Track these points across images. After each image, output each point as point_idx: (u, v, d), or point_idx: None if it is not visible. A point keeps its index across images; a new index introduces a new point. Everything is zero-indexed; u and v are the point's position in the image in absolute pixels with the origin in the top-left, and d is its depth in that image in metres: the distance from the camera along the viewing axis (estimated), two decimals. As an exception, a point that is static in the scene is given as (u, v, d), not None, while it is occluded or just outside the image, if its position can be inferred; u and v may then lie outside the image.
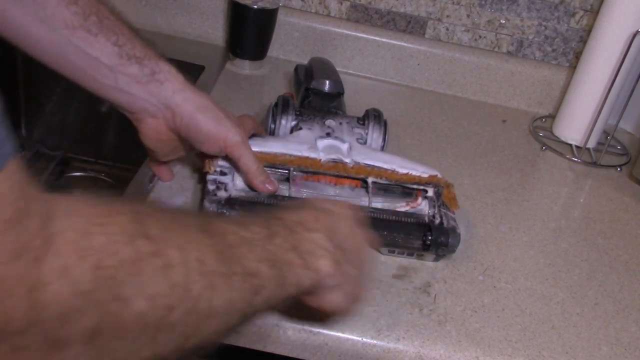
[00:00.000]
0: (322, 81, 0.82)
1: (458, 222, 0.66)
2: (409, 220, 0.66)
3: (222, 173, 0.64)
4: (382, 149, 0.73)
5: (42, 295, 0.30)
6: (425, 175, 0.68)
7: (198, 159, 0.69)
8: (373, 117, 0.73)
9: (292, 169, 0.66)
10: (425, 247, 0.64)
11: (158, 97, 0.59)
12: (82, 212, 0.33)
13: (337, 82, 0.83)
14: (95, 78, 0.57)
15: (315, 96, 0.81)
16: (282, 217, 0.47)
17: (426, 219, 0.67)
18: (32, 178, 0.31)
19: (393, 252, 0.65)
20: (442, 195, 0.67)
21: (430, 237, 0.63)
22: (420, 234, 0.64)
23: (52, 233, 0.31)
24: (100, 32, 0.56)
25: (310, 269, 0.45)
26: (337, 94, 0.82)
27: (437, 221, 0.65)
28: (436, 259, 0.66)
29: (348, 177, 0.67)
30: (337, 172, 0.67)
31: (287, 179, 0.66)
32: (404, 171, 0.68)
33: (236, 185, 0.64)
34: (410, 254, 0.66)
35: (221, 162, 0.64)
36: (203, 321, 0.38)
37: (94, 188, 1.10)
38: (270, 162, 0.65)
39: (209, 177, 0.64)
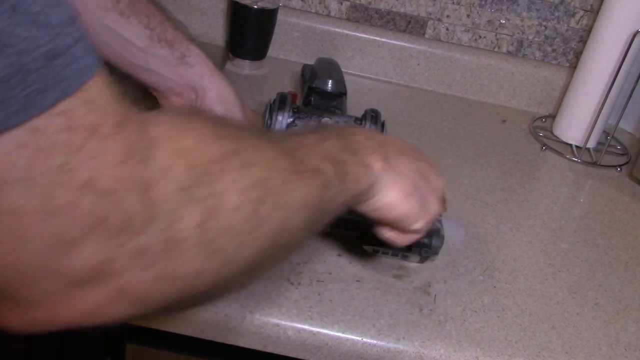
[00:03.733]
0: (325, 80, 0.82)
1: (458, 222, 0.66)
2: None
3: None
4: None
5: (153, 193, 0.31)
6: None
7: None
8: (370, 117, 0.73)
9: None
10: (408, 248, 0.64)
11: (186, 79, 0.62)
12: (169, 118, 0.36)
13: (339, 82, 0.83)
14: (126, 58, 0.60)
15: (317, 95, 0.81)
16: (324, 127, 0.50)
17: None
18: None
19: (377, 251, 0.65)
20: None
21: None
22: None
23: (151, 137, 0.32)
24: (133, 15, 0.58)
25: (363, 165, 0.48)
26: (339, 93, 0.82)
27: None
28: (421, 261, 0.65)
29: None
30: None
31: None
32: None
33: None
34: (395, 254, 0.65)
35: None
36: (290, 215, 0.40)
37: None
38: None
39: None
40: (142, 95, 0.64)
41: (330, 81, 0.82)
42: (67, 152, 0.28)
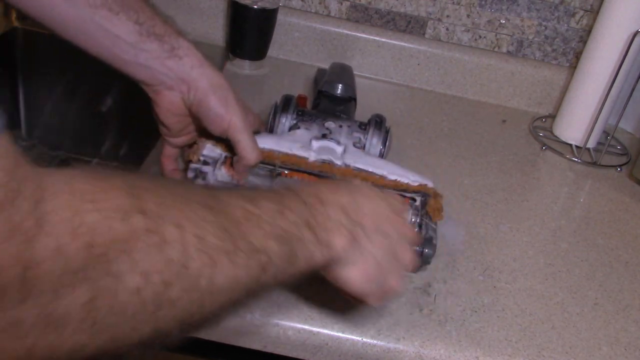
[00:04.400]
0: (334, 85, 0.82)
1: (458, 222, 0.66)
2: None
3: (205, 163, 0.64)
4: (382, 155, 0.72)
5: (35, 273, 0.30)
6: (415, 184, 0.67)
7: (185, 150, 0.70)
8: (375, 122, 0.73)
9: (277, 164, 0.66)
10: None
11: (176, 72, 0.61)
12: (75, 188, 0.33)
13: (348, 86, 0.82)
14: (115, 54, 0.59)
15: (325, 99, 0.81)
16: (297, 190, 0.46)
17: None
18: (22, 155, 0.31)
19: None
20: (427, 204, 0.66)
21: None
22: None
23: (44, 212, 0.31)
24: (122, 10, 0.58)
25: (322, 244, 0.45)
26: (348, 98, 0.82)
27: (416, 230, 0.65)
28: (412, 270, 0.65)
29: (331, 178, 0.67)
30: (323, 172, 0.66)
31: (271, 175, 0.66)
32: (393, 177, 0.67)
33: (216, 176, 0.64)
34: None
35: (205, 152, 0.65)
36: (206, 298, 0.38)
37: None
38: None
39: (191, 165, 0.64)
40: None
41: (339, 85, 0.82)
42: None
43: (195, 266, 0.36)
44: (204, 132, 0.67)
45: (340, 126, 0.72)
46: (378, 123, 0.73)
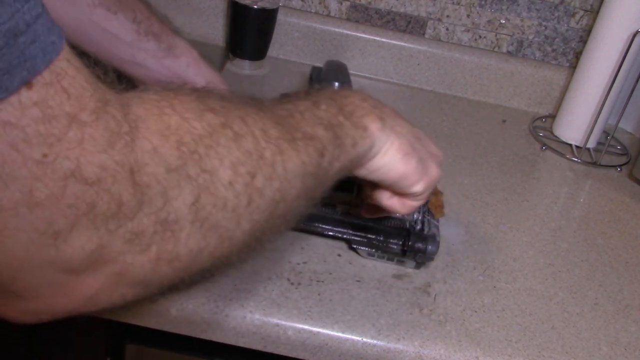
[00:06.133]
0: (331, 83, 0.82)
1: (457, 222, 0.66)
2: (389, 224, 0.66)
3: None
4: None
5: (142, 176, 0.31)
6: None
7: None
8: None
9: None
10: (403, 252, 0.63)
11: (173, 70, 0.62)
12: (150, 98, 0.35)
13: (345, 85, 0.83)
14: (114, 53, 0.60)
15: None
16: (317, 90, 0.48)
17: (408, 224, 0.66)
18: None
19: (373, 255, 0.65)
20: (429, 201, 0.67)
21: (409, 243, 0.62)
22: (400, 239, 0.64)
23: (134, 119, 0.32)
24: (120, 10, 0.59)
25: (359, 127, 0.47)
26: None
27: (418, 227, 0.65)
28: (417, 267, 0.65)
29: None
30: None
31: None
32: None
33: None
34: (390, 259, 0.65)
35: None
36: (285, 185, 0.39)
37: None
38: None
39: None
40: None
41: (336, 84, 0.82)
42: (45, 144, 0.27)
43: (268, 155, 0.38)
44: None
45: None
46: None
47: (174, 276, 0.35)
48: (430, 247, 0.62)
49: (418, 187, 0.52)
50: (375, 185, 0.53)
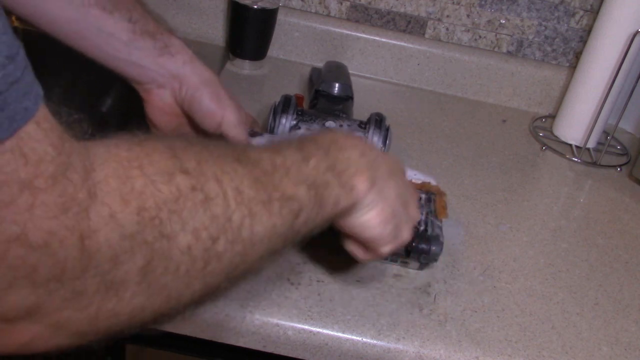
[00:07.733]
0: (331, 84, 0.82)
1: (457, 222, 0.66)
2: None
3: None
4: None
5: (93, 242, 0.31)
6: (418, 182, 0.67)
7: None
8: (375, 121, 0.73)
9: None
10: (407, 253, 0.63)
11: (168, 68, 0.62)
12: (121, 156, 0.34)
13: (346, 85, 0.83)
14: (109, 52, 0.60)
15: (323, 98, 0.81)
16: (315, 138, 0.47)
17: None
18: (65, 129, 0.31)
19: None
20: (433, 202, 0.66)
21: (413, 244, 0.62)
22: None
23: (94, 183, 0.31)
24: (115, 9, 0.58)
25: (346, 187, 0.46)
26: (346, 97, 0.82)
27: (422, 228, 0.65)
28: (420, 267, 0.65)
29: None
30: None
31: None
32: None
33: None
34: (394, 260, 0.65)
35: None
36: (248, 248, 0.39)
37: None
38: None
39: None
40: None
41: (337, 85, 0.82)
42: None
43: (236, 219, 0.37)
44: (198, 132, 0.67)
45: (341, 125, 0.72)
46: (378, 121, 0.73)
47: (112, 330, 0.34)
48: (434, 247, 0.62)
49: (385, 249, 0.52)
50: None
